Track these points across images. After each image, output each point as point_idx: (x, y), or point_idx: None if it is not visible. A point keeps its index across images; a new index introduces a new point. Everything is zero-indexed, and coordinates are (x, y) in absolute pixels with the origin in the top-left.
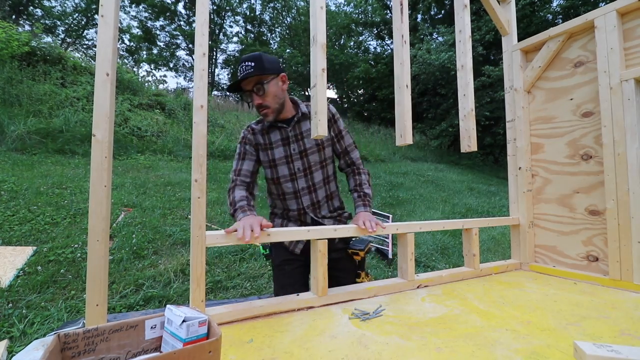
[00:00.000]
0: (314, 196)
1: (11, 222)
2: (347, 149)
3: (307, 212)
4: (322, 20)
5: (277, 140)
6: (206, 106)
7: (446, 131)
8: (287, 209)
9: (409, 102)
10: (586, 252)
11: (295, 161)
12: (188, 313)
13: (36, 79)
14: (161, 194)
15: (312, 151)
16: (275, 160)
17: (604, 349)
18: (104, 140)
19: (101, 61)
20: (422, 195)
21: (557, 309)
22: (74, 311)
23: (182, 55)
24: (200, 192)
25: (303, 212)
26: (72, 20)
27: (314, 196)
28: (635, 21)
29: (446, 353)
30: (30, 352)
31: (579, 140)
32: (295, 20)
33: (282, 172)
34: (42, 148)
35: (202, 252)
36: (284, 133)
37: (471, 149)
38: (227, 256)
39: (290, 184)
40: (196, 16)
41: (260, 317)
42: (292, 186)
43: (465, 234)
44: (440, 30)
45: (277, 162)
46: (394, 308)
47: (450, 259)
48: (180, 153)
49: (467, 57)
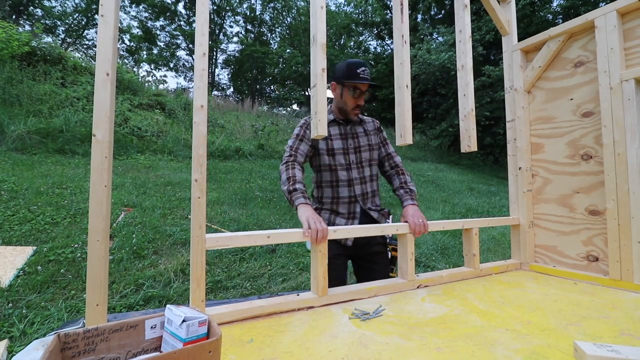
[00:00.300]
0: (365, 187)
1: (11, 222)
2: (391, 154)
3: (358, 201)
4: (322, 20)
5: (336, 134)
6: (206, 106)
7: (446, 131)
8: (337, 197)
9: (409, 102)
10: (586, 252)
11: (350, 154)
12: (188, 313)
13: (36, 79)
14: (161, 194)
15: (364, 149)
16: (334, 150)
17: (604, 349)
18: (104, 140)
19: (101, 61)
20: (422, 195)
21: (557, 309)
22: (74, 311)
23: (182, 55)
24: (200, 192)
25: (354, 200)
26: (72, 20)
27: (365, 187)
28: (635, 21)
29: (446, 353)
30: (30, 352)
31: (579, 140)
32: (296, 20)
33: (339, 161)
34: (42, 148)
35: (202, 253)
36: (343, 129)
37: (471, 149)
38: (227, 256)
39: (345, 173)
40: (196, 16)
41: (260, 317)
42: (346, 175)
43: (465, 234)
44: (441, 30)
45: (336, 152)
46: (394, 308)
47: (450, 259)
48: (180, 153)
49: (467, 57)
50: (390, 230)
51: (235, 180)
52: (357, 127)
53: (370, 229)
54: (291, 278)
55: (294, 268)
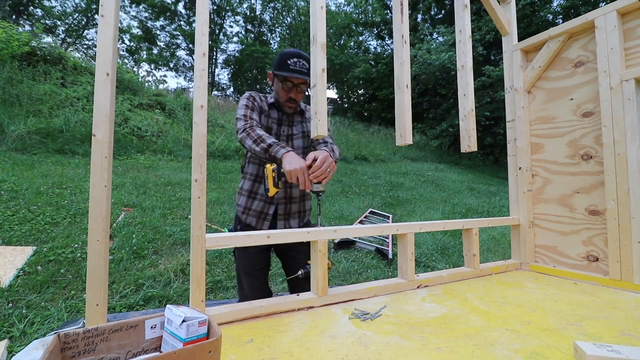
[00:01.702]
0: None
1: (11, 222)
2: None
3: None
4: (322, 20)
5: (275, 117)
6: (206, 106)
7: (446, 131)
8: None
9: (409, 102)
10: (586, 252)
11: (281, 140)
12: (188, 313)
13: (36, 79)
14: (161, 194)
15: (297, 137)
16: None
17: (604, 349)
18: (104, 140)
19: (101, 61)
20: (422, 195)
21: (557, 309)
22: (74, 311)
23: (182, 55)
24: (200, 192)
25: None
26: (72, 20)
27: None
28: (635, 21)
29: (446, 353)
30: (30, 352)
31: (579, 140)
32: (295, 20)
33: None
34: (42, 148)
35: (202, 253)
36: (280, 115)
37: (471, 149)
38: (227, 256)
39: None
40: (196, 16)
41: (260, 317)
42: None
43: (465, 234)
44: (441, 30)
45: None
46: (394, 308)
47: (450, 259)
48: (180, 153)
49: (467, 57)
50: (390, 231)
51: (235, 180)
52: (296, 115)
53: (369, 229)
54: None
55: None
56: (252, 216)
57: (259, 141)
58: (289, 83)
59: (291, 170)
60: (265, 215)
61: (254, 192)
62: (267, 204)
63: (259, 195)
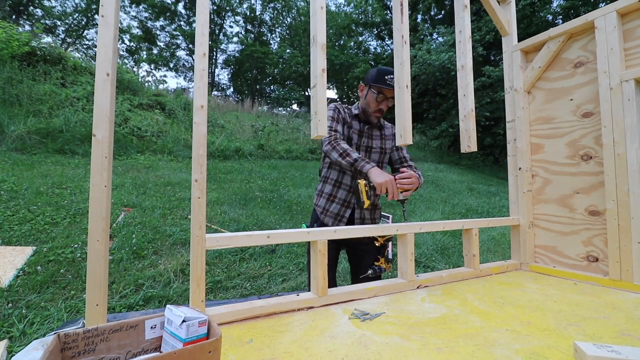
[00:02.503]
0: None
1: (11, 222)
2: (405, 156)
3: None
4: (322, 20)
5: (356, 128)
6: (206, 106)
7: (446, 131)
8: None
9: (409, 102)
10: (586, 253)
11: (361, 151)
12: (188, 313)
13: (36, 79)
14: (161, 194)
15: (375, 151)
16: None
17: (604, 349)
18: (104, 140)
19: (101, 61)
20: (422, 195)
21: (557, 309)
22: (74, 311)
23: (182, 55)
24: (200, 192)
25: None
26: (72, 20)
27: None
28: (635, 22)
29: (446, 353)
30: (29, 352)
31: (579, 140)
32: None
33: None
34: (42, 148)
35: (202, 253)
36: (362, 127)
37: (471, 149)
38: (227, 256)
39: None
40: (196, 16)
41: (260, 317)
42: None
43: (465, 235)
44: (441, 30)
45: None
46: (394, 308)
47: (450, 259)
48: (180, 153)
49: (467, 57)
50: (390, 231)
51: (235, 180)
52: (375, 130)
53: (371, 229)
54: (291, 278)
55: (293, 268)
56: (329, 217)
57: (344, 155)
58: (382, 95)
59: (381, 182)
60: (341, 217)
61: (333, 195)
62: (345, 207)
63: (337, 199)
